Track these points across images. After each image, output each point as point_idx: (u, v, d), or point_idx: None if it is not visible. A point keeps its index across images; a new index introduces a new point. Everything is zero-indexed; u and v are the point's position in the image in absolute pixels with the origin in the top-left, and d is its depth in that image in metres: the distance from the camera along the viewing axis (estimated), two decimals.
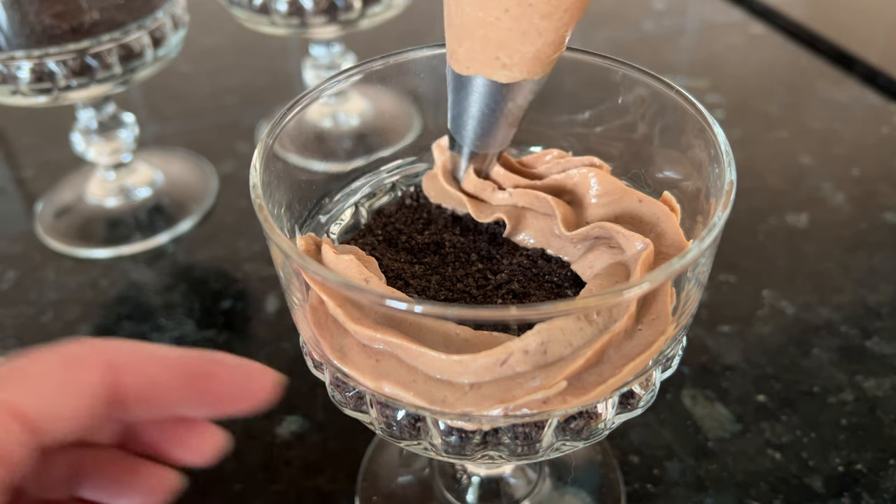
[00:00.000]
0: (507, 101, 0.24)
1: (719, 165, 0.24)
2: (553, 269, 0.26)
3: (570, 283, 0.26)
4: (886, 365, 0.39)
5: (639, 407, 0.24)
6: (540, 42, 0.22)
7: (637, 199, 0.26)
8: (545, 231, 0.27)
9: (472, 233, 0.28)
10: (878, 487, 0.34)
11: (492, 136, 0.26)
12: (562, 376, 0.20)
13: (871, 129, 0.58)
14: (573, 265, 0.26)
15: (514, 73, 0.23)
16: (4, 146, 0.60)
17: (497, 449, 0.23)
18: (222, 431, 0.22)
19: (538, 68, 0.23)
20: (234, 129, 0.60)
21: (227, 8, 0.53)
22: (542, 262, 0.26)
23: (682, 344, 0.24)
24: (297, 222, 0.28)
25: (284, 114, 0.26)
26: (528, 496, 0.34)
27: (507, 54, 0.23)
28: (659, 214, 0.25)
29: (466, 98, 0.25)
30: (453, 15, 0.23)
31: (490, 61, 0.23)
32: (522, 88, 0.24)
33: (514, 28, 0.22)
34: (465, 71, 0.24)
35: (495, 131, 0.26)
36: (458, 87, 0.25)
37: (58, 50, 0.41)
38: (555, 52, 0.23)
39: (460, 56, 0.24)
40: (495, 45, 0.23)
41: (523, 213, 0.27)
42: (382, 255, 0.26)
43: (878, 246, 0.47)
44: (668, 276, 0.20)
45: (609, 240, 0.25)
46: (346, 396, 0.24)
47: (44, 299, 0.45)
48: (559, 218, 0.26)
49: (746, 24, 0.74)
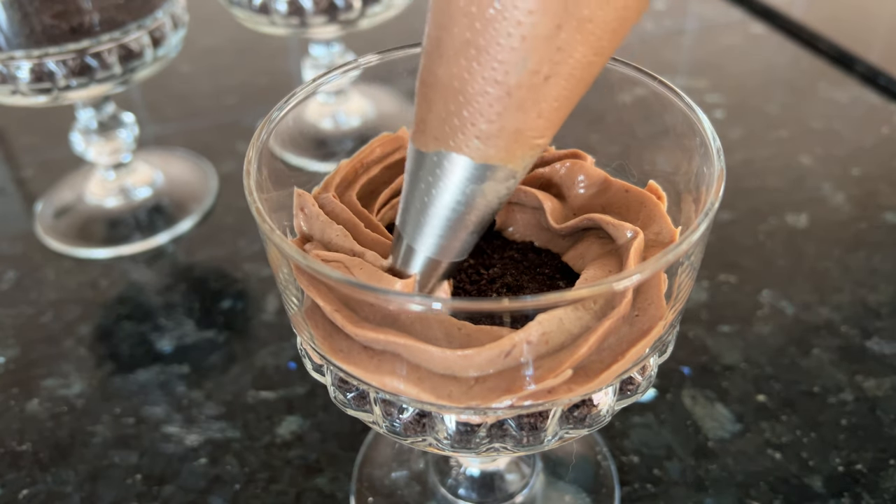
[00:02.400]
0: (474, 190, 0.20)
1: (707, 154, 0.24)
2: (544, 261, 0.27)
3: (562, 274, 0.26)
4: (886, 365, 0.39)
5: (638, 392, 0.24)
6: (532, 115, 0.19)
7: (623, 188, 0.26)
8: (533, 224, 0.28)
9: None
10: (878, 487, 0.34)
11: (451, 235, 0.21)
12: (566, 365, 0.20)
13: (871, 129, 0.58)
14: (563, 256, 0.27)
15: (489, 149, 0.19)
16: (4, 146, 0.60)
17: (502, 440, 0.23)
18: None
19: (516, 151, 0.19)
20: (234, 129, 0.60)
21: (227, 8, 0.53)
22: (532, 255, 0.27)
23: (676, 329, 0.25)
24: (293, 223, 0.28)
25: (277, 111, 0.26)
26: (522, 490, 0.34)
27: (486, 121, 0.19)
28: (646, 203, 0.26)
29: (424, 180, 0.21)
30: (430, 66, 0.19)
31: (464, 128, 0.19)
32: (494, 174, 0.20)
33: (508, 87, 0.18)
34: (431, 145, 0.20)
35: (457, 229, 0.21)
36: (417, 170, 0.21)
37: (57, 50, 0.41)
38: (540, 137, 0.19)
39: (427, 122, 0.20)
40: (474, 108, 0.19)
41: (511, 207, 0.28)
42: None
43: (878, 246, 0.47)
44: (665, 264, 0.21)
45: (598, 230, 0.26)
46: (348, 397, 0.24)
47: (43, 299, 0.45)
48: (547, 211, 0.26)
49: (746, 24, 0.74)
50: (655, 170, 0.28)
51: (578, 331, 0.21)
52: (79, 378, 0.40)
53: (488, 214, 0.21)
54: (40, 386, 0.40)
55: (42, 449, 0.37)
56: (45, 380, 0.40)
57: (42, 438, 0.37)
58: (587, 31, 0.18)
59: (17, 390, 0.40)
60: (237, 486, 0.35)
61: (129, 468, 0.36)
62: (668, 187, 0.27)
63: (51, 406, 0.39)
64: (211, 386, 0.40)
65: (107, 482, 0.35)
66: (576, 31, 0.17)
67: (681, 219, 0.26)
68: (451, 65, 0.18)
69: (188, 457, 0.36)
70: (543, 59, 0.18)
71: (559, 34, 0.17)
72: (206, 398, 0.39)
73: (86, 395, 0.39)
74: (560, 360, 0.21)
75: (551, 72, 0.18)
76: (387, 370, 0.22)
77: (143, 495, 0.35)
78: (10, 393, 0.40)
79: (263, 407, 0.38)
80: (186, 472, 0.36)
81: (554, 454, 0.36)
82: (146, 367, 0.41)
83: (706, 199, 0.23)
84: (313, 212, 0.25)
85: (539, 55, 0.17)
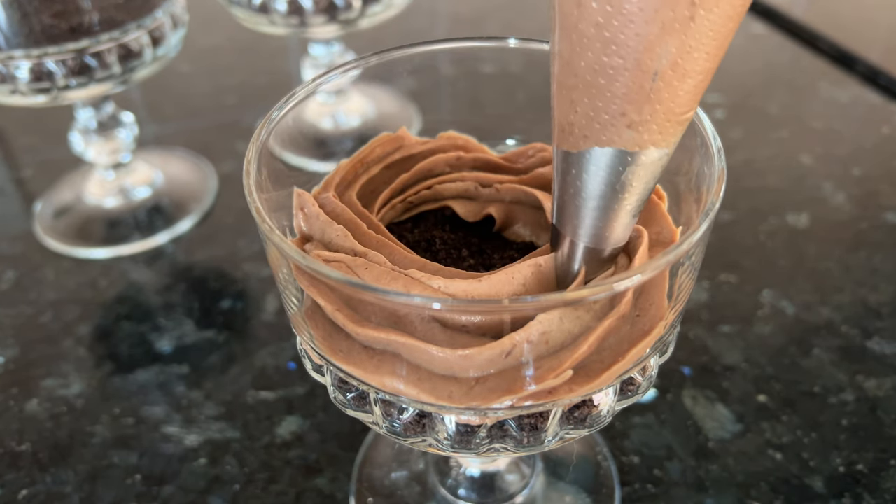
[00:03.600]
0: (631, 177, 0.20)
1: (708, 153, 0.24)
2: None
3: None
4: (887, 365, 0.39)
5: (638, 393, 0.24)
6: (679, 94, 0.19)
7: None
8: (533, 224, 0.28)
9: (461, 229, 0.28)
10: (878, 488, 0.34)
11: (612, 225, 0.22)
12: (566, 365, 0.20)
13: (871, 128, 0.58)
14: None
15: (643, 135, 0.19)
16: (3, 146, 0.60)
17: (503, 441, 0.23)
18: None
19: (668, 130, 0.20)
20: (234, 128, 0.60)
21: (227, 7, 0.53)
22: None
23: (676, 329, 0.25)
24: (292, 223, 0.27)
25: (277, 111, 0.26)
26: (523, 491, 0.34)
27: (636, 109, 0.19)
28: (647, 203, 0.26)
29: (580, 178, 0.21)
30: (569, 68, 0.19)
31: (614, 120, 0.19)
32: (649, 159, 0.20)
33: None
34: (581, 144, 0.20)
35: (615, 218, 0.21)
36: (567, 169, 0.21)
37: (57, 49, 0.40)
38: (689, 112, 0.20)
39: (574, 123, 0.20)
40: (622, 98, 0.19)
41: (512, 208, 0.28)
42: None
43: (879, 246, 0.47)
44: (665, 265, 0.21)
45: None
46: (347, 397, 0.24)
47: (43, 299, 0.45)
48: (547, 211, 0.26)
49: (746, 23, 0.74)
50: None
51: (579, 330, 0.21)
52: (78, 378, 0.40)
53: (647, 194, 0.21)
54: (40, 386, 0.40)
55: (41, 449, 0.37)
56: (45, 380, 0.40)
57: (41, 439, 0.37)
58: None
59: (16, 390, 0.40)
60: (237, 486, 0.35)
61: (129, 468, 0.36)
62: (668, 187, 0.27)
63: (50, 406, 0.39)
64: (210, 386, 0.39)
65: (106, 482, 0.35)
66: (711, 3, 0.18)
67: (681, 219, 0.26)
68: (593, 62, 0.19)
69: (188, 457, 0.36)
70: (683, 43, 0.18)
71: (696, 10, 0.18)
72: (205, 398, 0.39)
73: (85, 395, 0.39)
74: (560, 359, 0.21)
75: (693, 47, 0.18)
76: (387, 370, 0.22)
77: (142, 495, 0.35)
78: (9, 393, 0.40)
79: (263, 407, 0.38)
80: (186, 472, 0.35)
81: (554, 454, 0.36)
82: (145, 368, 0.41)
83: (707, 199, 0.23)
84: (313, 212, 0.25)
85: (678, 39, 0.18)
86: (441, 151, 0.29)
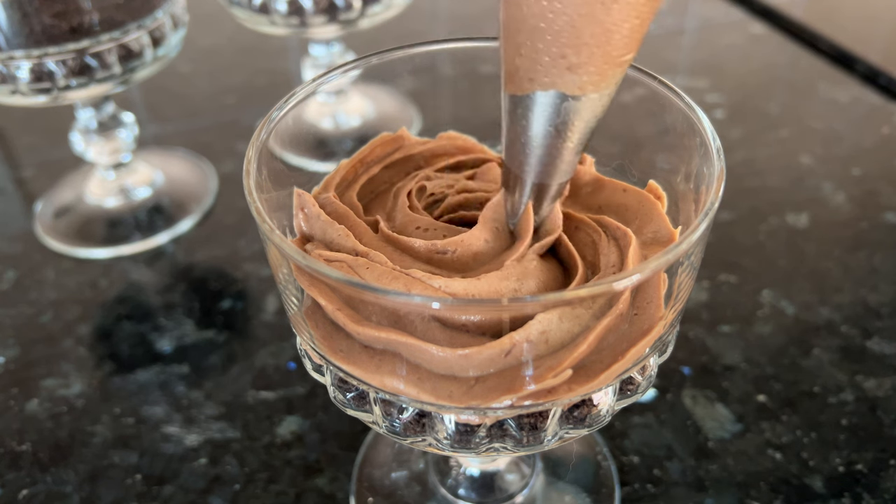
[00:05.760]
0: (573, 118, 0.21)
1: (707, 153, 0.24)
2: None
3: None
4: (887, 365, 0.39)
5: (638, 392, 0.24)
6: (617, 37, 0.20)
7: (621, 188, 0.27)
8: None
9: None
10: (878, 488, 0.34)
11: (555, 162, 0.23)
12: (565, 364, 0.20)
13: (871, 128, 0.58)
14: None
15: (582, 77, 0.20)
16: (4, 146, 0.60)
17: (503, 440, 0.23)
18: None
19: (607, 72, 0.21)
20: (234, 128, 0.60)
21: (227, 8, 0.53)
22: None
23: (676, 329, 0.25)
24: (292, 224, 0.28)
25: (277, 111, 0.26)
26: (522, 490, 0.34)
27: (575, 51, 0.20)
28: (643, 202, 0.26)
29: (525, 118, 0.22)
30: (515, 10, 0.21)
31: (555, 62, 0.20)
32: (589, 100, 0.21)
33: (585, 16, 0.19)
34: (526, 87, 0.21)
35: (558, 156, 0.23)
36: (514, 110, 0.22)
37: (57, 50, 0.41)
38: (628, 54, 0.21)
39: (519, 66, 0.21)
40: (562, 42, 0.20)
41: None
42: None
43: (879, 246, 0.47)
44: (665, 264, 0.21)
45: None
46: (347, 397, 0.24)
47: (43, 299, 0.45)
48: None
49: (746, 23, 0.74)
50: (655, 170, 0.28)
51: (578, 330, 0.21)
52: (78, 378, 0.40)
53: (589, 132, 0.22)
54: (40, 386, 0.40)
55: (42, 449, 0.37)
56: (45, 380, 0.40)
57: (42, 438, 0.37)
58: None
59: (16, 390, 0.40)
60: (237, 486, 0.35)
61: (129, 468, 0.36)
62: (667, 187, 0.27)
63: (50, 406, 0.39)
64: (211, 386, 0.40)
65: (107, 482, 0.35)
66: None
67: (681, 219, 0.26)
68: (533, 6, 0.20)
69: (188, 457, 0.36)
70: None
71: None
72: (205, 398, 0.39)
73: (85, 395, 0.39)
74: (560, 359, 0.21)
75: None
76: (387, 370, 0.22)
77: (142, 495, 0.35)
78: (9, 393, 0.40)
79: (263, 407, 0.38)
80: (186, 472, 0.36)
81: (554, 454, 0.36)
82: (146, 368, 0.41)
83: (706, 199, 0.23)
84: (314, 212, 0.25)
85: None
86: (441, 151, 0.29)
